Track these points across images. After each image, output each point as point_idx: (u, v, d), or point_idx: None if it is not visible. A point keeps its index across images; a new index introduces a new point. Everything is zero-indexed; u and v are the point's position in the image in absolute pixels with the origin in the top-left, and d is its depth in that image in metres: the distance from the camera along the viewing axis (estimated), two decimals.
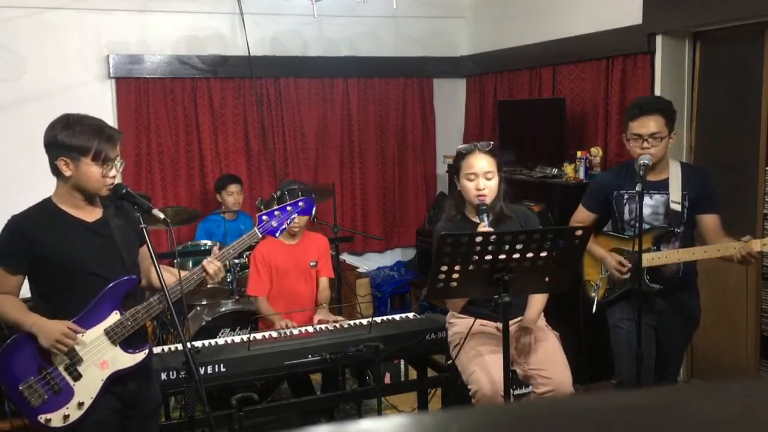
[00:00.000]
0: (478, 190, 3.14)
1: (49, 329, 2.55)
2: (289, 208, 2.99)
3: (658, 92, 4.48)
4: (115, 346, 2.66)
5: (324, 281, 4.27)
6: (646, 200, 3.26)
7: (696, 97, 4.65)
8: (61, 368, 2.60)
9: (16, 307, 2.62)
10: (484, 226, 3.00)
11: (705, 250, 3.17)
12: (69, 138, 2.52)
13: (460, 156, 3.25)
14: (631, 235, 3.35)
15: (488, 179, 3.17)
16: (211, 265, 2.80)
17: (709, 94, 4.61)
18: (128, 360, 2.69)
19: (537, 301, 3.31)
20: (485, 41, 6.21)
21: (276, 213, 2.97)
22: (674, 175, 3.32)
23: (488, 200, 3.14)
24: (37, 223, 2.59)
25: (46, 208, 2.62)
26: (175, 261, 3.25)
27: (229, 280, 4.59)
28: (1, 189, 4.99)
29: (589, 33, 5.01)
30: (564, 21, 5.26)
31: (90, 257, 2.61)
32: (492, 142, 3.32)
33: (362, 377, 4.17)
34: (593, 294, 3.52)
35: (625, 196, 3.39)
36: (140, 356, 2.72)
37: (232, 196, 5.36)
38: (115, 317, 2.66)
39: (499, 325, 2.92)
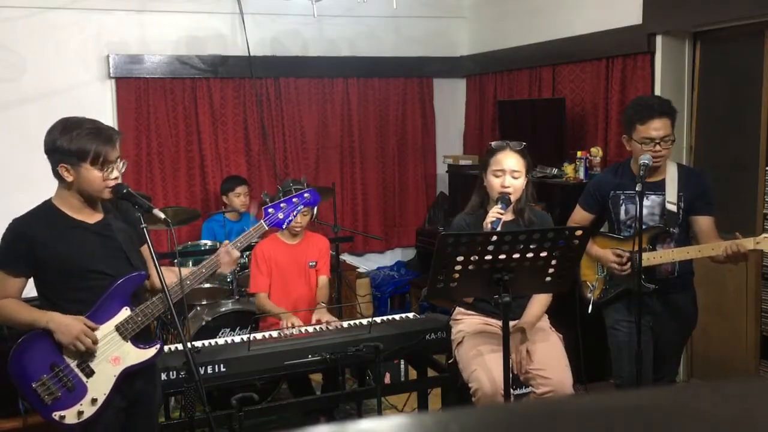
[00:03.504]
0: (504, 187, 3.16)
1: (67, 326, 2.56)
2: (295, 199, 2.99)
3: (658, 92, 4.48)
4: (126, 341, 2.67)
5: (323, 279, 4.26)
6: (643, 201, 3.25)
7: (696, 97, 4.65)
8: (73, 365, 2.61)
9: (24, 308, 2.63)
10: (498, 209, 3.01)
11: (699, 249, 3.17)
12: (67, 143, 2.52)
13: (490, 152, 3.27)
14: (627, 235, 3.36)
15: (515, 178, 3.18)
16: (226, 254, 2.83)
17: (709, 94, 4.61)
18: (140, 355, 2.70)
19: (537, 304, 3.31)
20: (485, 41, 6.21)
21: (282, 205, 2.96)
22: (671, 176, 3.32)
23: (513, 198, 3.17)
24: (38, 226, 2.59)
25: (47, 210, 2.63)
26: (176, 261, 3.25)
27: (229, 280, 4.59)
28: (1, 189, 4.99)
29: (589, 33, 5.01)
30: (564, 21, 5.26)
31: (93, 257, 2.62)
32: (524, 143, 3.32)
33: (362, 377, 4.17)
34: (589, 294, 3.52)
35: (622, 197, 3.39)
36: (152, 351, 2.73)
37: (240, 197, 5.38)
38: (125, 313, 2.67)
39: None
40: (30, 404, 2.64)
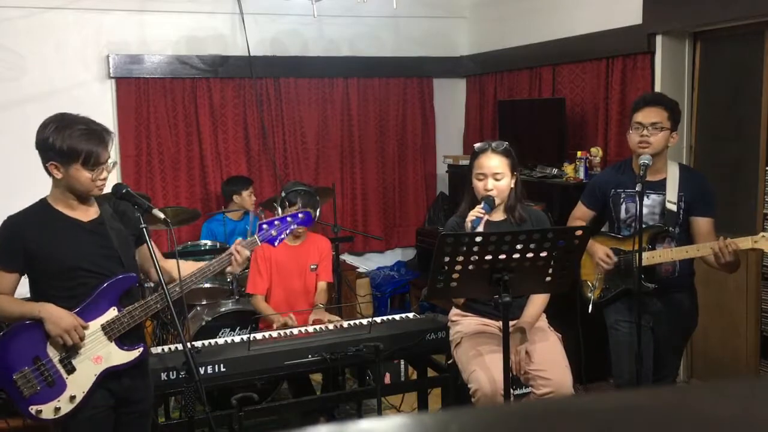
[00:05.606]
0: (486, 190, 3.16)
1: (59, 316, 2.57)
2: (289, 219, 3.06)
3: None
4: (111, 342, 2.68)
5: (322, 285, 4.25)
6: (643, 200, 3.26)
7: (696, 97, 4.65)
8: (55, 360, 2.62)
9: (16, 303, 2.64)
10: (479, 209, 3.02)
11: (698, 248, 3.17)
12: (59, 142, 2.52)
13: (474, 155, 3.27)
14: (627, 234, 3.36)
15: (497, 180, 3.17)
16: (240, 249, 2.87)
17: (709, 94, 4.61)
18: (123, 357, 2.70)
19: (535, 303, 3.31)
20: (485, 41, 6.21)
21: (276, 223, 3.04)
22: (672, 175, 3.33)
23: (498, 199, 3.16)
24: (32, 223, 2.61)
25: (41, 208, 2.65)
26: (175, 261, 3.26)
27: (228, 280, 4.59)
28: (1, 189, 4.98)
29: (589, 33, 5.01)
30: (564, 21, 5.26)
31: (85, 256, 2.63)
32: (506, 143, 3.30)
33: (362, 377, 4.17)
34: (589, 294, 3.51)
35: (622, 195, 3.40)
36: (134, 354, 2.73)
37: (251, 197, 5.41)
38: (112, 313, 2.68)
39: (501, 324, 2.92)
40: (8, 396, 2.64)
